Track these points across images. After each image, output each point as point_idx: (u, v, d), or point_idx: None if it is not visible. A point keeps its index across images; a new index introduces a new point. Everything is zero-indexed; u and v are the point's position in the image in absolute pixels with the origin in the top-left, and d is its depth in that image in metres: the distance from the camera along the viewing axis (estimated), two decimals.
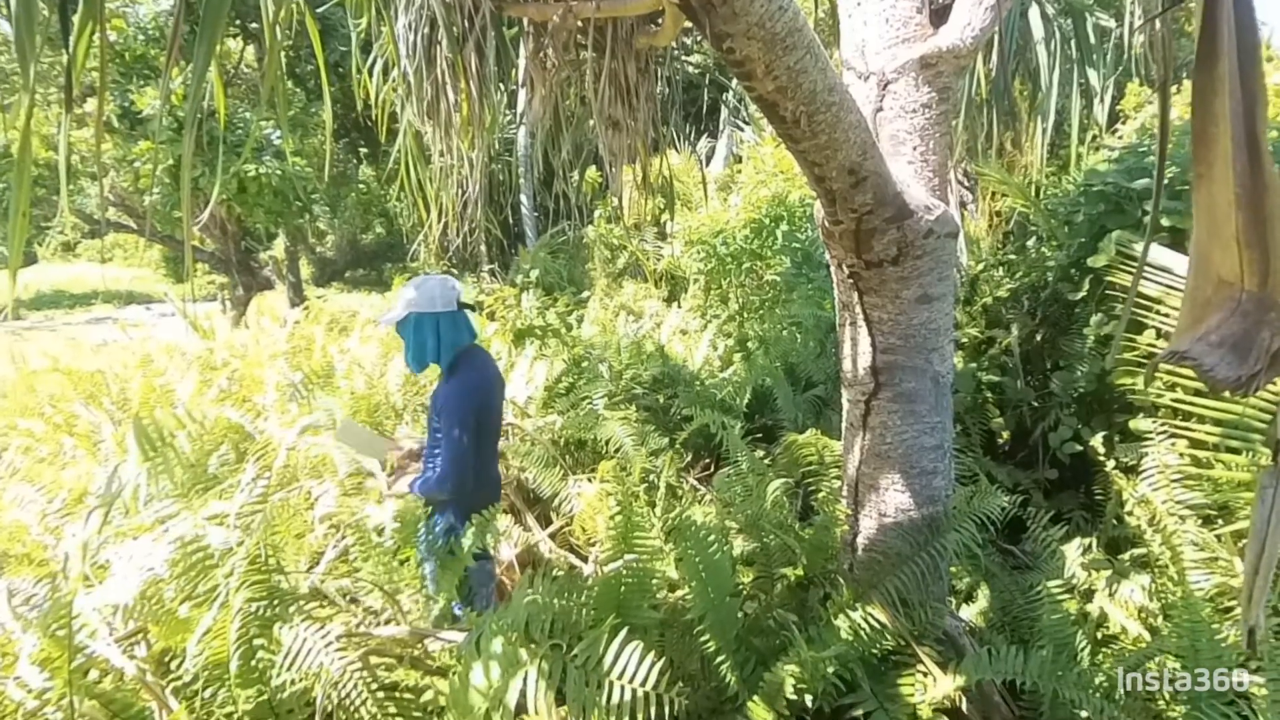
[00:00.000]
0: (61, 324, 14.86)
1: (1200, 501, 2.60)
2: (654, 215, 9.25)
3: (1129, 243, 3.16)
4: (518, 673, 1.51)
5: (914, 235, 1.93)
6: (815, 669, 1.86)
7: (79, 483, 3.07)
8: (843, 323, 2.24)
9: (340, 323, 7.27)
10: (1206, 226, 0.90)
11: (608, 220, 9.79)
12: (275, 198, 9.18)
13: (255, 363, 5.15)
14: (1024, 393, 3.75)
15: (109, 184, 10.11)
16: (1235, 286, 0.87)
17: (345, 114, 13.35)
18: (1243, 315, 0.86)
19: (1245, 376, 0.84)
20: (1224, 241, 0.87)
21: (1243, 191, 0.84)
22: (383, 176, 14.46)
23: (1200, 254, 0.92)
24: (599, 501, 3.25)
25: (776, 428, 4.25)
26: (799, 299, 6.04)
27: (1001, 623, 2.52)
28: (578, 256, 10.60)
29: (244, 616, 1.82)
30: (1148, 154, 3.60)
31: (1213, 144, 0.87)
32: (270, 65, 1.44)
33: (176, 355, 5.62)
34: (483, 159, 3.66)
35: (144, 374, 4.74)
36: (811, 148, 1.71)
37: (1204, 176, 0.89)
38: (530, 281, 9.07)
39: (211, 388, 4.57)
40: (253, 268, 11.64)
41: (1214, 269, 0.89)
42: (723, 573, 2.09)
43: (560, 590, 2.02)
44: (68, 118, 1.24)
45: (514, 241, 11.61)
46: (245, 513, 2.48)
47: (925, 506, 2.20)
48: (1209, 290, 0.90)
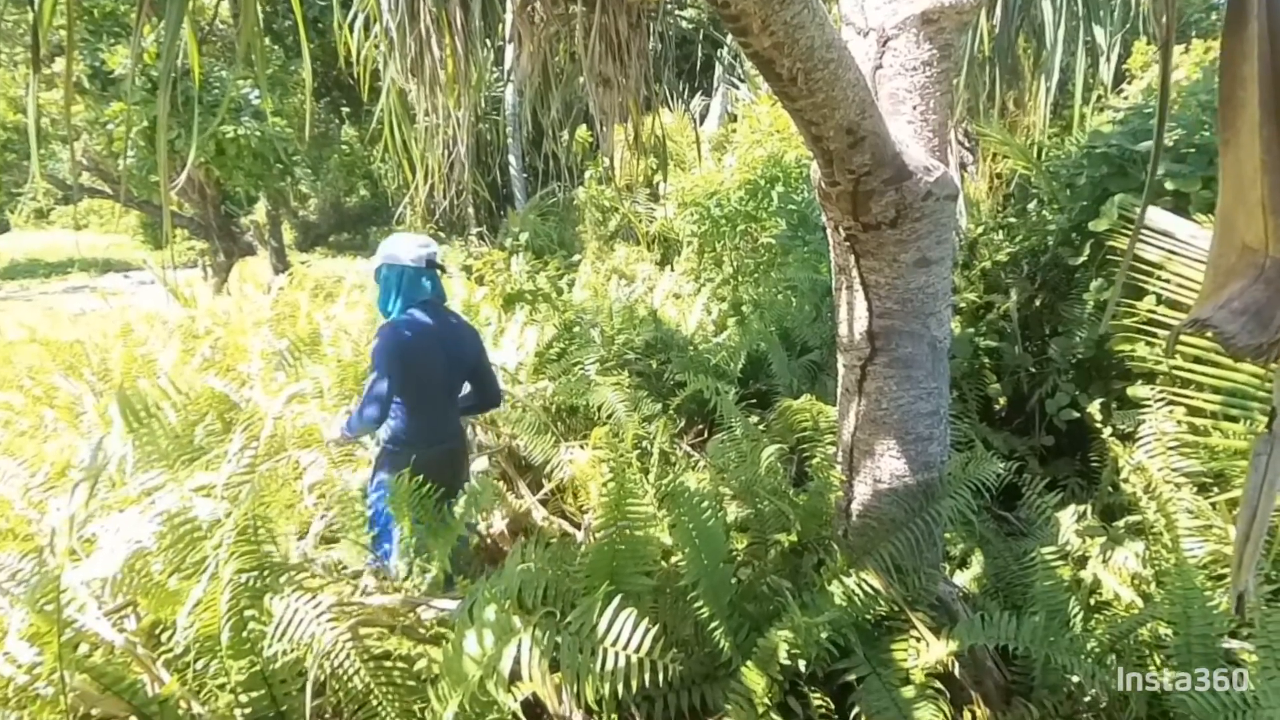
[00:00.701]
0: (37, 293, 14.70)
1: (1196, 469, 2.64)
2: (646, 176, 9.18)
3: (1132, 206, 3.15)
4: (511, 640, 1.53)
5: (912, 197, 1.92)
6: (809, 634, 1.90)
7: (62, 456, 3.07)
8: (839, 286, 2.24)
9: (325, 288, 7.22)
10: (1232, 192, 0.89)
11: (599, 181, 9.69)
12: (255, 160, 9.02)
13: (239, 330, 5.12)
14: (1022, 358, 3.77)
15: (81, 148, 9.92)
16: (1259, 253, 0.87)
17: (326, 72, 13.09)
18: (1266, 282, 0.86)
19: (1266, 344, 0.84)
20: (1249, 208, 0.87)
21: (1269, 157, 0.84)
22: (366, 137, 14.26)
23: (1225, 220, 0.91)
24: (591, 468, 3.27)
25: (771, 393, 4.27)
26: (794, 262, 6.03)
27: (995, 589, 2.57)
28: (568, 219, 10.52)
29: (234, 588, 1.83)
30: (1153, 115, 3.57)
31: (1240, 109, 0.86)
32: (246, 21, 1.40)
33: (157, 324, 5.57)
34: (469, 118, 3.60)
35: (125, 344, 4.70)
36: (808, 106, 1.69)
37: (1230, 142, 0.88)
38: (519, 245, 9.01)
39: (194, 357, 4.55)
40: (234, 233, 11.50)
41: (1238, 235, 0.89)
42: (716, 539, 2.12)
43: (553, 558, 2.05)
44: (35, 79, 1.21)
45: (502, 204, 11.50)
46: (233, 483, 2.49)
47: (920, 473, 2.23)
48: (1233, 257, 0.90)
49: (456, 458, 2.67)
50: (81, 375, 4.38)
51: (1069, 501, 2.92)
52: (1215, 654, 1.91)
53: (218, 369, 4.44)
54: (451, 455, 2.63)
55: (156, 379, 4.08)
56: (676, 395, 3.96)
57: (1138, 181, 3.34)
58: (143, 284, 13.02)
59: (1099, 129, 3.93)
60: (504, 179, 11.51)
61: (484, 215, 11.67)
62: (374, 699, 1.83)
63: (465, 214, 11.09)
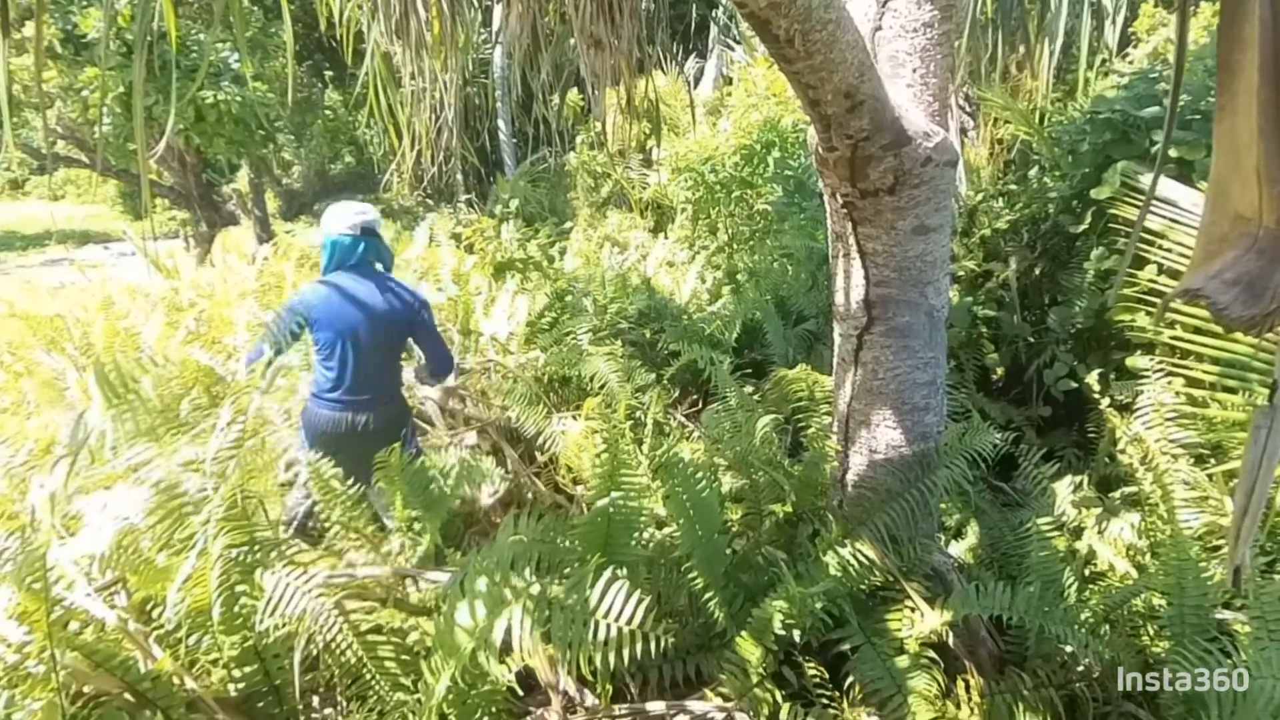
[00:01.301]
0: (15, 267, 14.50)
1: (1194, 440, 2.66)
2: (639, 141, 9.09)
3: (1135, 174, 3.14)
4: (503, 612, 1.54)
5: (911, 163, 1.91)
6: (803, 605, 1.92)
7: (45, 433, 3.06)
8: (836, 254, 2.23)
9: (311, 258, 7.15)
10: (1227, 159, 0.88)
11: (590, 147, 9.59)
12: (236, 126, 8.88)
13: (223, 302, 5.08)
14: (1020, 328, 3.77)
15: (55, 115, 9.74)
16: (1253, 223, 0.86)
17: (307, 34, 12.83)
18: (1259, 253, 0.85)
19: (1259, 316, 0.84)
20: (1244, 176, 0.86)
21: (1266, 124, 0.82)
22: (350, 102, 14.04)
23: (1219, 188, 0.90)
24: (584, 439, 3.28)
25: (766, 363, 4.28)
26: (791, 229, 6.00)
27: (990, 559, 2.60)
28: (559, 185, 10.43)
29: (224, 563, 1.84)
30: (1159, 80, 3.54)
31: (1238, 73, 0.85)
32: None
33: (139, 296, 5.52)
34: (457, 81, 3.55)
35: (106, 317, 4.66)
36: (805, 69, 1.67)
37: (1227, 107, 0.87)
38: (510, 212, 8.94)
39: (179, 329, 4.52)
40: (215, 202, 11.37)
41: (1232, 204, 0.88)
42: (711, 510, 2.13)
43: (546, 529, 2.06)
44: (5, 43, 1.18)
45: (492, 170, 11.37)
46: (221, 458, 2.48)
47: (916, 443, 2.24)
48: (1225, 226, 0.89)
49: (385, 418, 2.72)
50: (63, 350, 4.34)
51: (1065, 472, 2.95)
52: (1208, 625, 1.95)
53: (203, 341, 4.41)
54: (379, 415, 2.70)
55: (140, 353, 4.06)
56: (670, 365, 3.97)
57: (1141, 148, 3.32)
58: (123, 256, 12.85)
59: (1103, 94, 3.90)
60: (493, 145, 11.38)
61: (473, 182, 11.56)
62: (367, 672, 1.85)
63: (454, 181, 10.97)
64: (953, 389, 3.51)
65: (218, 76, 8.79)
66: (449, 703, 1.71)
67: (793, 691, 2.01)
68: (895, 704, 1.89)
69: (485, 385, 4.02)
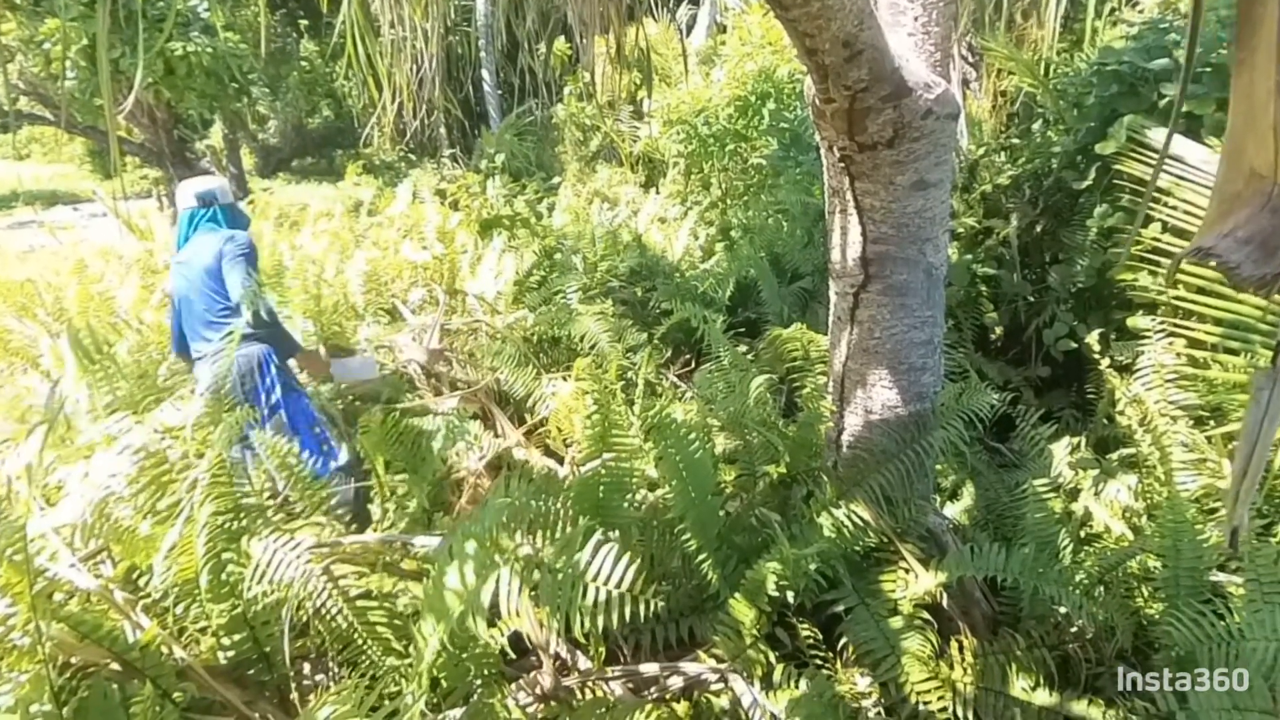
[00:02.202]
0: None
1: (1193, 402, 2.69)
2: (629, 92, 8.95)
3: (1141, 128, 3.11)
4: (492, 574, 1.56)
5: (911, 116, 1.89)
6: (797, 566, 1.95)
7: (18, 401, 3.04)
8: (832, 210, 2.22)
9: (290, 217, 7.08)
10: (1243, 115, 0.87)
11: (579, 98, 9.45)
12: (208, 79, 8.69)
13: None
14: (1020, 287, 3.78)
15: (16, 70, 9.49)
16: (1268, 180, 0.85)
17: None
18: (1273, 211, 0.85)
19: (1271, 275, 0.84)
20: (1260, 133, 0.85)
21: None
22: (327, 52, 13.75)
23: (1234, 145, 0.89)
24: (574, 401, 3.29)
25: (760, 321, 4.29)
26: (786, 184, 5.96)
27: (985, 520, 2.64)
28: (546, 139, 10.30)
29: (210, 530, 1.85)
30: (1169, 30, 3.49)
31: (1258, 26, 0.83)
32: None
33: (113, 259, 5.47)
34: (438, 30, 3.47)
35: (79, 281, 4.61)
36: (802, 16, 1.64)
37: (1245, 62, 0.86)
38: (495, 167, 8.83)
39: (155, 293, 4.48)
40: (189, 159, 11.17)
41: (1247, 161, 0.87)
42: (704, 471, 2.15)
43: (536, 491, 2.08)
44: None
45: (476, 123, 11.20)
46: (202, 423, 2.48)
47: (913, 403, 2.26)
48: (1239, 183, 0.88)
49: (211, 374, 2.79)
50: (35, 316, 4.31)
51: (1063, 434, 2.98)
52: (1203, 587, 1.99)
53: None
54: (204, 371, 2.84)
55: (114, 318, 4.02)
56: (662, 324, 3.96)
57: (1149, 101, 3.29)
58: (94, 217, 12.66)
59: (1111, 45, 3.85)
60: (477, 96, 11.19)
61: (456, 136, 11.39)
62: (358, 637, 1.88)
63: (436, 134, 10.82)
64: (950, 348, 3.52)
65: (186, 27, 8.57)
66: (439, 666, 1.73)
67: (786, 653, 2.05)
68: (889, 665, 1.93)
69: (473, 346, 4.02)
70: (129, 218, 6.30)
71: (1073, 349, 3.48)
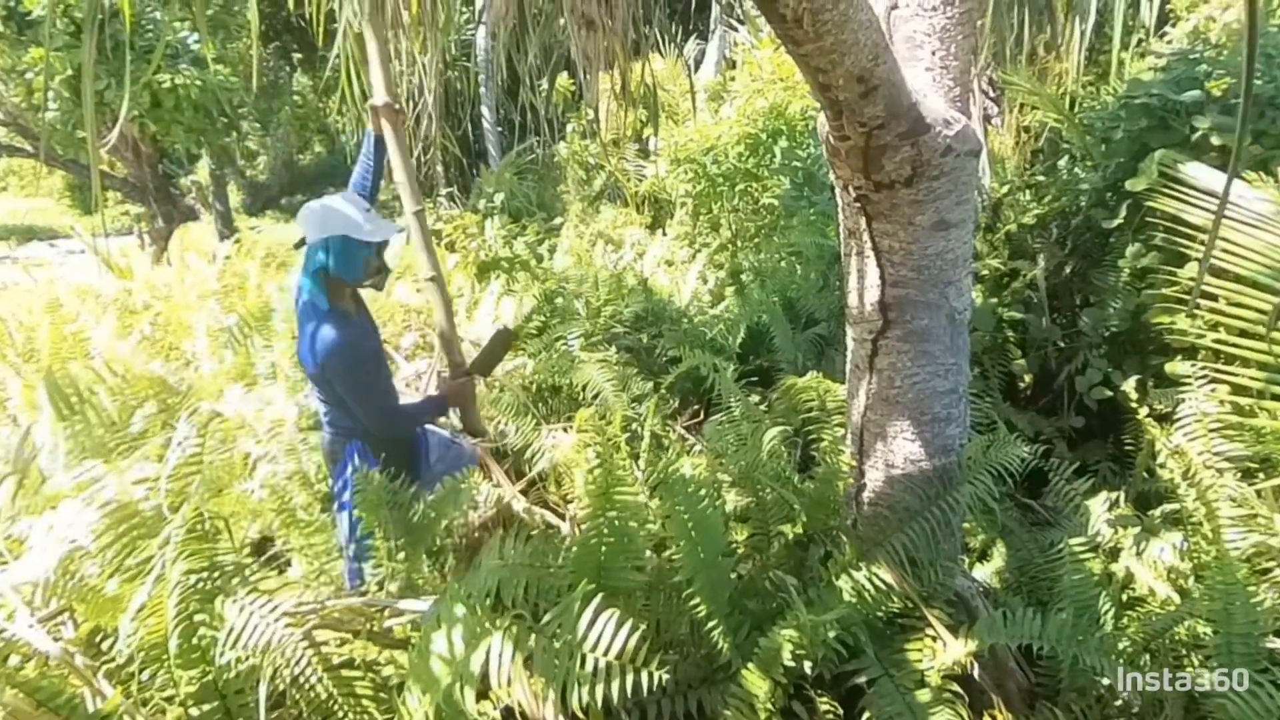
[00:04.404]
0: None
1: (1240, 453, 2.66)
2: (635, 130, 9.11)
3: (1174, 163, 3.14)
4: (483, 642, 1.54)
5: (930, 153, 1.92)
6: (815, 633, 1.92)
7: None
8: (848, 252, 2.23)
9: (278, 257, 7.17)
10: None
11: (582, 136, 9.61)
12: (196, 113, 8.89)
13: (181, 305, 5.09)
14: (1049, 331, 3.78)
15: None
16: None
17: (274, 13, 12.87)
18: None
19: None
20: None
21: None
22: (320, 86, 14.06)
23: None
24: (576, 453, 3.28)
25: (773, 370, 4.28)
26: (799, 225, 6.01)
27: (1018, 583, 2.60)
28: (548, 178, 10.44)
29: (183, 590, 1.83)
30: (1199, 62, 3.55)
31: None
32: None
33: (89, 298, 5.53)
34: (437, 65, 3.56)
35: (52, 320, 4.66)
36: (815, 51, 1.67)
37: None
38: (494, 207, 8.94)
39: (132, 334, 4.52)
40: (173, 195, 11.37)
41: None
42: (714, 530, 2.13)
43: (534, 552, 2.05)
44: None
45: (475, 161, 11.39)
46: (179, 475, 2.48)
47: (937, 457, 2.24)
48: None
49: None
50: (4, 357, 4.34)
51: (1100, 488, 2.95)
52: (1259, 655, 1.94)
53: (158, 348, 4.41)
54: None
55: (89, 359, 4.05)
56: (669, 373, 3.96)
57: (1181, 135, 3.33)
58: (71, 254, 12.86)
59: (1139, 77, 3.92)
60: (476, 133, 11.40)
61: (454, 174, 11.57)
62: (339, 709, 1.85)
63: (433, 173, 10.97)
64: (976, 398, 3.51)
65: (176, 58, 8.80)
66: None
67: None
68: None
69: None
70: (108, 255, 6.39)
71: (1108, 397, 3.46)
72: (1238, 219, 2.73)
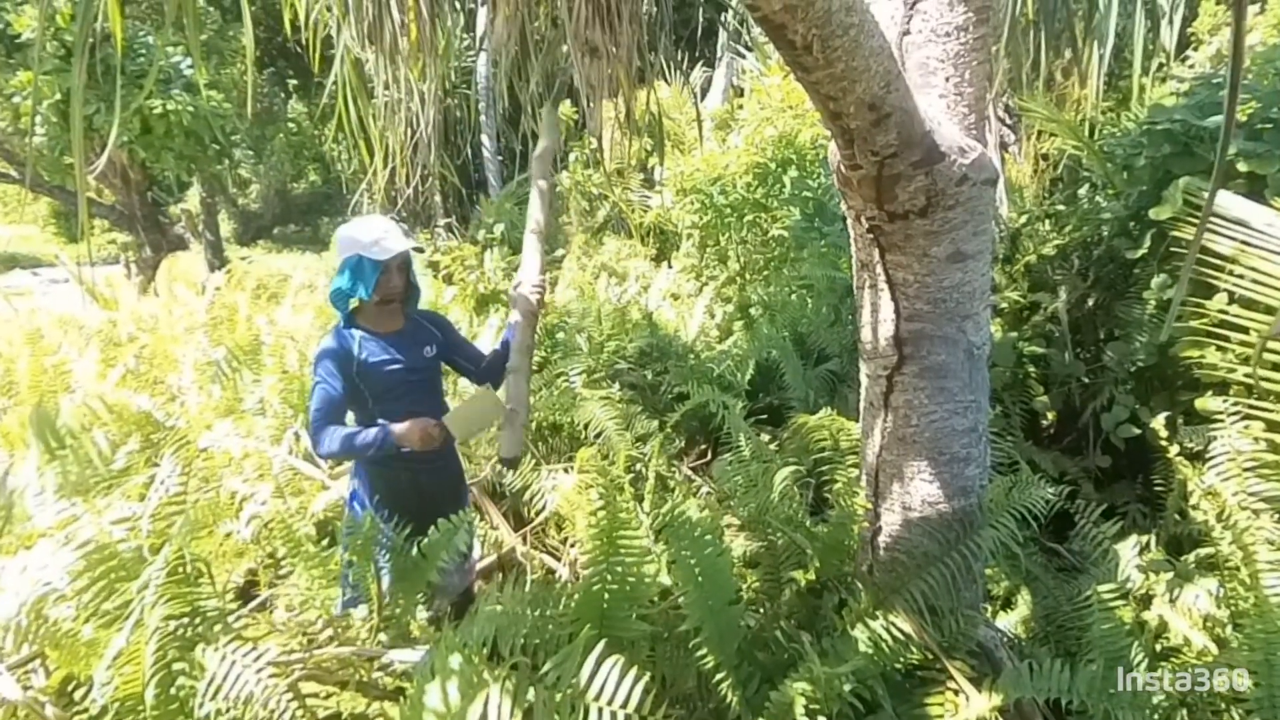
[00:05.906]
0: None
1: (1277, 494, 2.64)
2: (640, 159, 9.21)
3: (1198, 191, 3.16)
4: (480, 694, 1.52)
5: (945, 182, 1.93)
6: (829, 687, 1.90)
7: None
8: (861, 285, 2.24)
9: (269, 289, 7.22)
10: None
11: (585, 165, 9.71)
12: (187, 139, 9.01)
13: (168, 337, 5.11)
14: (1073, 367, 3.78)
15: None
16: None
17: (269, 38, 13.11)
18: None
19: None
20: None
21: None
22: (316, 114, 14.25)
23: None
24: (577, 495, 3.27)
25: (784, 407, 4.28)
26: (810, 257, 6.04)
27: (1045, 633, 2.57)
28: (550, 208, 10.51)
29: (162, 636, 1.82)
30: (1223, 86, 3.60)
31: None
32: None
33: (72, 329, 5.56)
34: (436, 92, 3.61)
35: (33, 352, 4.68)
36: (825, 78, 1.70)
37: None
38: (494, 237, 9.02)
39: (116, 368, 4.53)
40: (162, 224, 11.47)
41: None
42: (722, 577, 2.12)
43: (533, 599, 2.04)
44: None
45: (474, 191, 11.52)
46: (161, 515, 2.47)
47: (957, 499, 2.23)
48: None
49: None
50: None
51: (1129, 531, 2.93)
52: None
53: (143, 382, 4.42)
54: None
55: (70, 393, 4.06)
56: (675, 410, 3.96)
57: (1205, 162, 3.35)
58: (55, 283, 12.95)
59: (1160, 102, 3.96)
60: (476, 162, 11.54)
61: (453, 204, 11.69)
62: None
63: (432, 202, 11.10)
64: (997, 436, 3.50)
65: (168, 84, 8.93)
66: None
67: None
68: None
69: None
70: (93, 285, 6.44)
71: (1135, 435, 3.44)
72: (1268, 248, 2.73)
